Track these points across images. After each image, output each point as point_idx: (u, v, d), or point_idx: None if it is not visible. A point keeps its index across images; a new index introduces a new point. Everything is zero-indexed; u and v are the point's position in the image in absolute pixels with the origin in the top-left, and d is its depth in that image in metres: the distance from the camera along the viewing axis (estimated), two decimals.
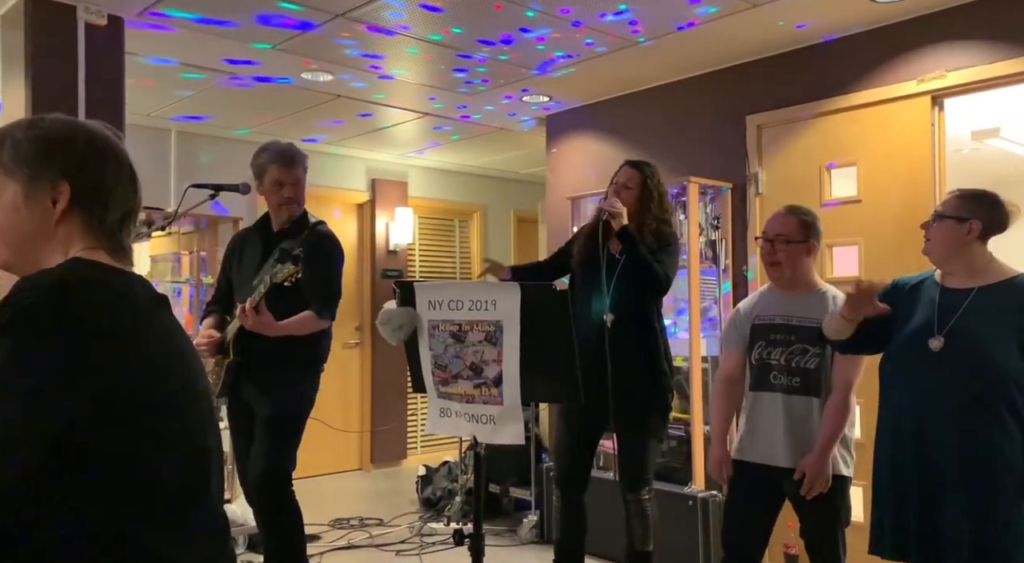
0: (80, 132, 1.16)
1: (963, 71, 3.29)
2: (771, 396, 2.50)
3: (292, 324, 2.74)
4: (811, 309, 2.49)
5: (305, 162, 2.96)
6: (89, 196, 1.14)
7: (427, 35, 3.67)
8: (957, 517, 2.05)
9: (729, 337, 2.68)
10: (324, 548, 4.12)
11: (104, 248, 1.15)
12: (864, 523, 3.46)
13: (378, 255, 6.28)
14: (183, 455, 1.12)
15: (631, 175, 2.94)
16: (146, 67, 4.01)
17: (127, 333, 1.07)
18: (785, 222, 2.53)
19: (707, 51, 3.92)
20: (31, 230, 1.13)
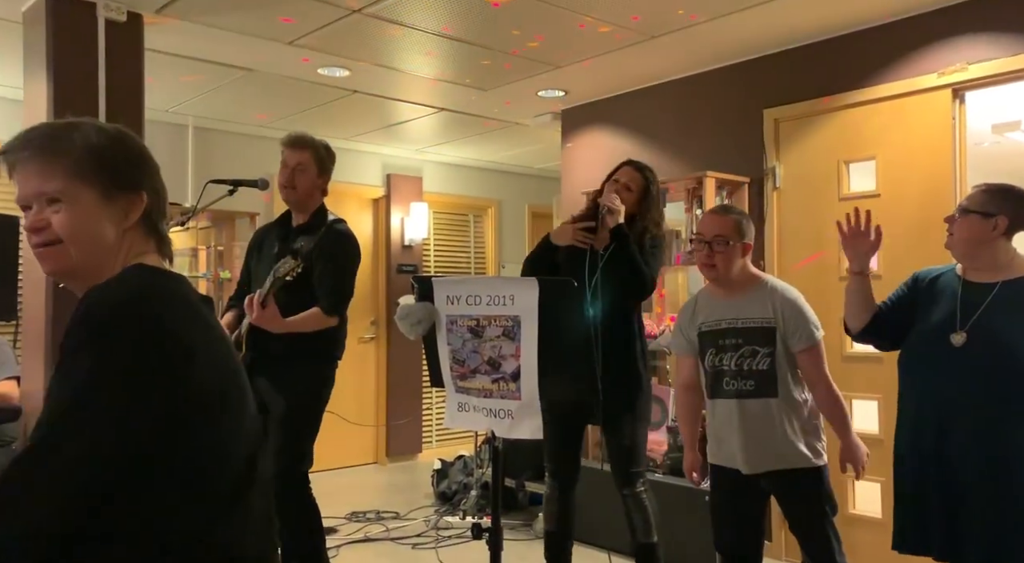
0: (141, 144, 1.22)
1: (985, 64, 3.25)
2: (725, 403, 2.46)
3: (297, 321, 2.75)
4: (754, 308, 2.45)
5: (320, 153, 2.95)
6: (154, 206, 1.20)
7: (442, 30, 3.67)
8: (979, 514, 2.03)
9: (678, 344, 2.64)
10: (341, 541, 4.15)
11: (157, 253, 1.21)
12: (884, 519, 3.45)
13: (393, 250, 6.30)
14: (241, 448, 1.17)
15: (634, 177, 2.93)
16: (164, 62, 4.04)
17: (194, 339, 1.11)
18: (723, 222, 2.47)
19: (724, 44, 3.89)
20: (104, 236, 1.15)
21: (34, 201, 1.14)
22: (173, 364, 1.06)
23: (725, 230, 2.46)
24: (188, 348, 1.09)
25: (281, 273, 2.60)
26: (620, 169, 2.98)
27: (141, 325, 1.05)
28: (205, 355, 1.11)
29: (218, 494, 1.12)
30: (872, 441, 3.47)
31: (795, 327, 2.41)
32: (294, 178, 2.91)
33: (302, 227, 2.96)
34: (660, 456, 4.00)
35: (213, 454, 1.12)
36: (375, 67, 4.18)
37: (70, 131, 1.15)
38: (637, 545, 2.89)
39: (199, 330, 1.13)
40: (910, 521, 2.19)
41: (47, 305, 3.14)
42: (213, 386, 1.12)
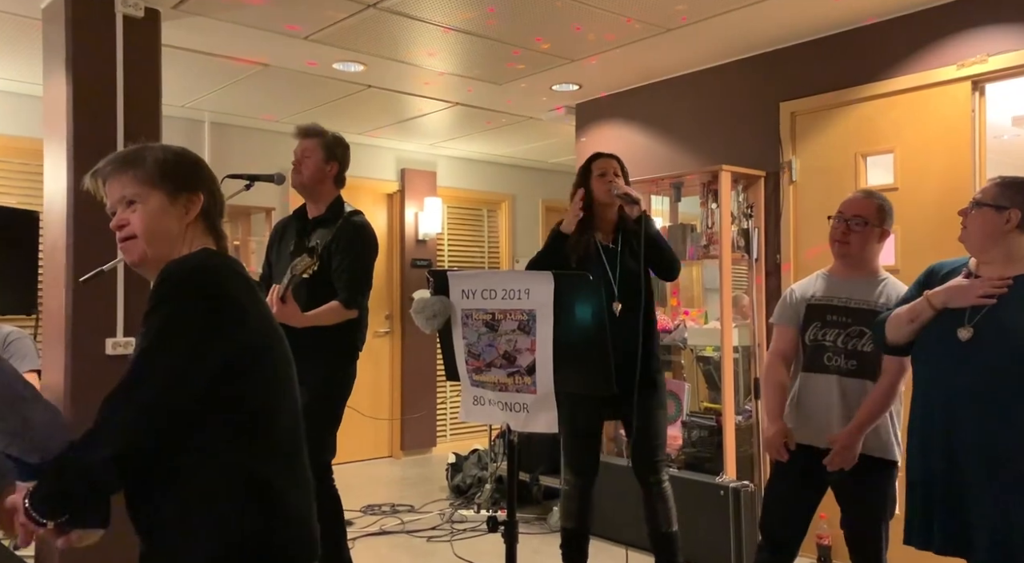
0: (198, 158, 1.53)
1: (1005, 55, 3.21)
2: (825, 378, 2.47)
3: (317, 315, 2.77)
4: (870, 293, 2.47)
5: (326, 140, 2.99)
6: (211, 204, 1.48)
7: (457, 24, 3.67)
8: (985, 509, 2.01)
9: (783, 314, 2.63)
10: (357, 533, 4.17)
11: (215, 243, 1.48)
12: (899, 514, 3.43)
13: (407, 245, 6.32)
14: (289, 406, 1.42)
15: (614, 165, 2.99)
16: (180, 58, 4.07)
17: (247, 305, 1.37)
18: (864, 204, 2.50)
19: (740, 37, 3.87)
20: (169, 229, 1.43)
21: (117, 205, 1.45)
22: (231, 320, 1.33)
23: (866, 211, 2.48)
24: (243, 310, 1.35)
25: (298, 271, 2.62)
26: (596, 163, 3.00)
27: (206, 287, 1.33)
28: (256, 320, 1.38)
29: (269, 440, 1.36)
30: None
31: None
32: (300, 163, 2.98)
33: (319, 219, 2.98)
34: (676, 450, 3.99)
35: (264, 403, 1.36)
36: (390, 62, 4.19)
37: (143, 150, 1.46)
38: (658, 534, 2.90)
39: (252, 300, 1.39)
40: (918, 515, 2.17)
41: (67, 300, 3.17)
42: (263, 344, 1.38)
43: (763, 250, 4.00)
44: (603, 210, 2.95)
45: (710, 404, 4.18)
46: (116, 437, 1.25)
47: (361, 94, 4.79)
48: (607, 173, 2.94)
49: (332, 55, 4.09)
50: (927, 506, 2.14)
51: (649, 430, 2.87)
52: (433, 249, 6.47)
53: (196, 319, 1.30)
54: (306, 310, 2.75)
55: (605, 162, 2.99)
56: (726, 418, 3.81)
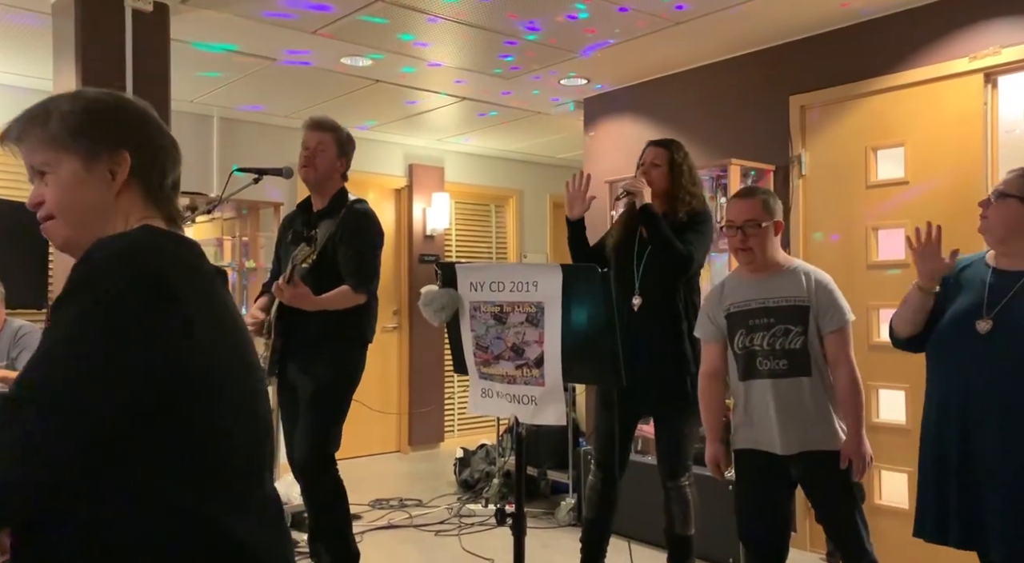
0: (126, 101, 1.16)
1: (1019, 47, 3.18)
2: (760, 383, 2.44)
3: (328, 298, 2.77)
4: (785, 288, 2.43)
5: (340, 135, 2.98)
6: (147, 163, 1.13)
7: (464, 18, 3.66)
8: (1002, 503, 2.00)
9: (705, 329, 2.60)
10: (365, 527, 4.18)
11: (162, 217, 1.14)
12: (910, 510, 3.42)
13: (415, 240, 6.32)
14: (249, 426, 1.10)
15: (657, 153, 2.91)
16: (188, 53, 4.07)
17: (196, 299, 1.05)
18: (751, 206, 2.45)
19: (750, 30, 3.84)
20: (93, 203, 1.10)
21: (33, 178, 1.12)
22: (168, 315, 0.99)
23: (754, 213, 2.44)
24: (185, 304, 1.02)
25: (298, 260, 2.64)
26: (644, 152, 2.97)
27: (139, 274, 0.99)
28: (206, 316, 1.05)
29: (217, 473, 1.04)
30: (899, 431, 3.45)
31: (827, 307, 2.40)
32: (314, 158, 2.94)
33: (323, 211, 2.99)
34: None
35: (212, 426, 1.03)
36: (398, 56, 4.19)
37: (46, 103, 1.12)
38: (673, 535, 2.88)
39: (202, 292, 1.07)
40: (931, 509, 2.16)
41: None
42: (215, 349, 1.05)
43: None
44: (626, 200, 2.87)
45: None
46: (6, 467, 0.91)
47: (368, 89, 4.79)
48: (645, 163, 2.91)
49: (340, 50, 4.09)
50: (942, 499, 2.12)
51: (677, 433, 2.83)
52: (441, 244, 6.47)
53: (121, 315, 0.96)
54: None
55: (648, 151, 2.94)
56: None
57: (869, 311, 3.56)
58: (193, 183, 4.82)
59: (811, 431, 2.40)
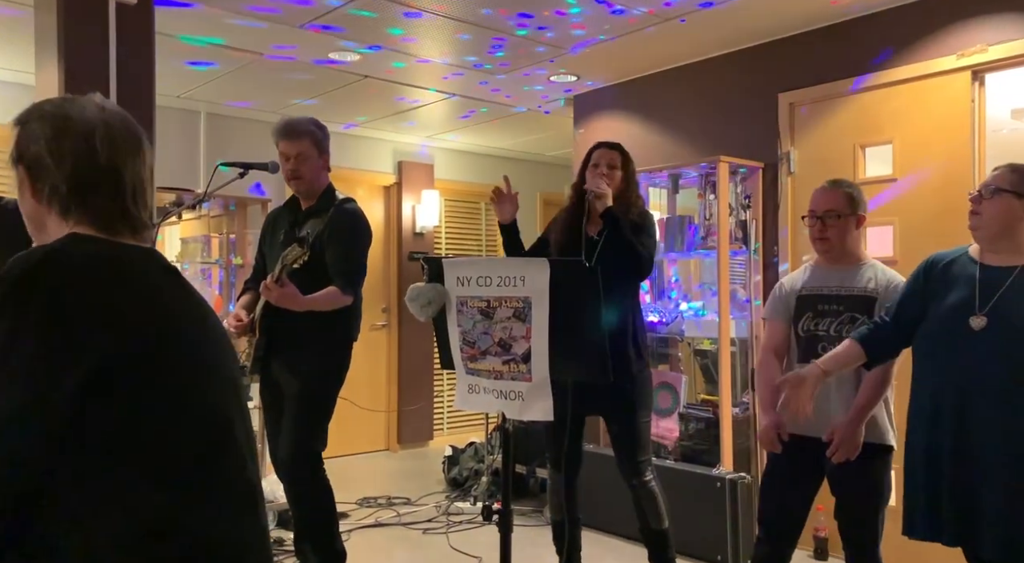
0: (37, 110, 1.16)
1: (1006, 45, 3.19)
2: None
3: (316, 298, 2.74)
4: (858, 279, 2.47)
5: (316, 136, 2.92)
6: (41, 174, 1.13)
7: (455, 14, 3.64)
8: (998, 499, 1.99)
9: (774, 308, 2.63)
10: (352, 526, 4.16)
11: (95, 226, 1.13)
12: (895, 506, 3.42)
13: (404, 237, 6.29)
14: (198, 418, 1.10)
15: (612, 156, 2.92)
16: (174, 47, 4.04)
17: (119, 303, 1.05)
18: (833, 197, 2.49)
19: (739, 28, 3.84)
20: (31, 214, 1.16)
21: None
22: (89, 325, 1.00)
23: (836, 204, 2.48)
24: (106, 311, 1.03)
25: (289, 261, 2.61)
26: (595, 152, 2.95)
27: (52, 284, 1.01)
28: (133, 320, 1.05)
29: (163, 466, 1.04)
30: None
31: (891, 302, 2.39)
32: (299, 168, 2.89)
33: (311, 210, 2.96)
34: (672, 442, 3.98)
35: (154, 426, 1.04)
36: (387, 52, 4.16)
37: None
38: (648, 531, 2.88)
39: (127, 295, 1.07)
40: (922, 507, 2.15)
41: None
42: (146, 351, 1.05)
43: (762, 242, 3.98)
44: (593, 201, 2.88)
45: (707, 396, 4.16)
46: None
47: (357, 85, 4.77)
48: (600, 164, 2.90)
49: (328, 44, 4.06)
50: (933, 497, 2.11)
51: (628, 431, 2.83)
52: (430, 242, 6.45)
53: (39, 334, 0.97)
54: None
55: (601, 152, 2.94)
56: (723, 410, 3.80)
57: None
58: (180, 179, 4.78)
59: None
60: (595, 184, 2.78)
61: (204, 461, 1.10)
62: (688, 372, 4.40)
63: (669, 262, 4.41)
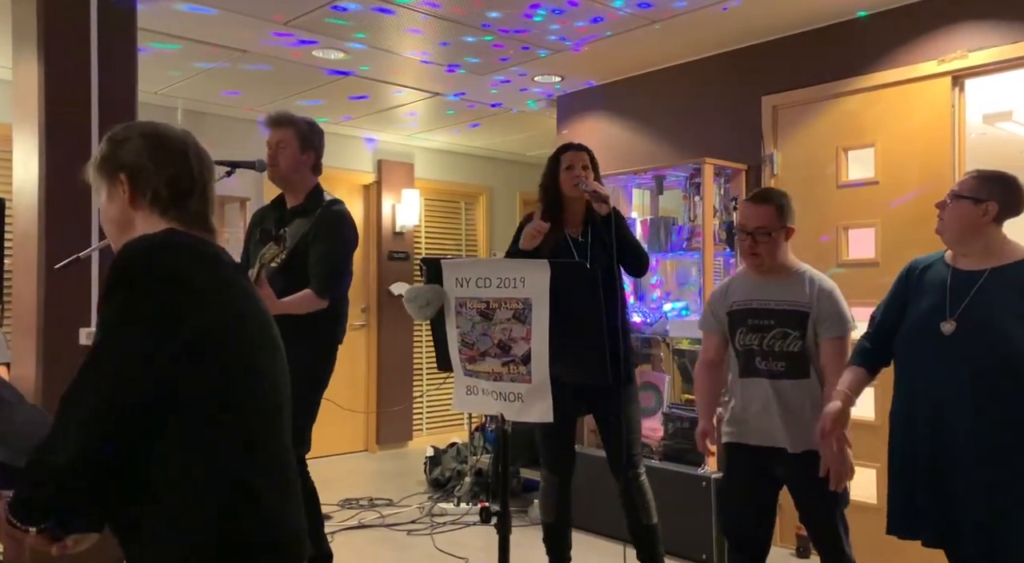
0: (134, 130, 1.40)
1: (985, 51, 3.26)
2: (759, 382, 2.47)
3: (290, 302, 2.71)
4: (789, 292, 2.46)
5: (301, 128, 2.91)
6: (147, 180, 1.36)
7: (440, 13, 3.63)
8: (974, 499, 2.04)
9: (707, 321, 2.65)
10: (335, 528, 4.12)
11: (186, 225, 1.36)
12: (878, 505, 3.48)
13: (384, 237, 6.25)
14: (264, 394, 1.32)
15: (582, 157, 2.94)
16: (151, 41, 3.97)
17: (207, 286, 1.28)
18: (764, 213, 2.46)
19: (723, 30, 3.88)
20: (120, 217, 1.38)
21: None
22: (185, 302, 1.23)
23: (766, 221, 2.45)
24: (197, 291, 1.26)
25: (266, 259, 2.57)
26: (565, 155, 2.95)
27: (158, 267, 1.24)
28: (217, 300, 1.28)
29: (237, 435, 1.26)
30: (868, 428, 3.50)
31: (829, 315, 2.41)
32: (276, 155, 2.88)
33: (297, 209, 2.93)
34: (656, 442, 4.00)
35: (229, 394, 1.26)
36: (371, 50, 4.13)
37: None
38: (638, 527, 2.90)
39: (213, 279, 1.30)
40: (903, 506, 2.19)
41: (38, 289, 3.07)
42: (227, 326, 1.28)
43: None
44: (570, 203, 2.90)
45: (690, 396, 4.19)
46: (76, 438, 1.17)
47: (339, 83, 4.72)
48: (574, 166, 2.90)
49: (311, 43, 4.02)
50: (914, 497, 2.15)
51: (620, 426, 2.84)
52: (410, 241, 6.42)
53: (149, 307, 1.22)
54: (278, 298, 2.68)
55: (573, 155, 2.94)
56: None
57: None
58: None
59: (804, 432, 2.41)
60: (594, 186, 2.81)
61: (266, 433, 1.32)
62: (669, 372, 4.43)
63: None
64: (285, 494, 1.32)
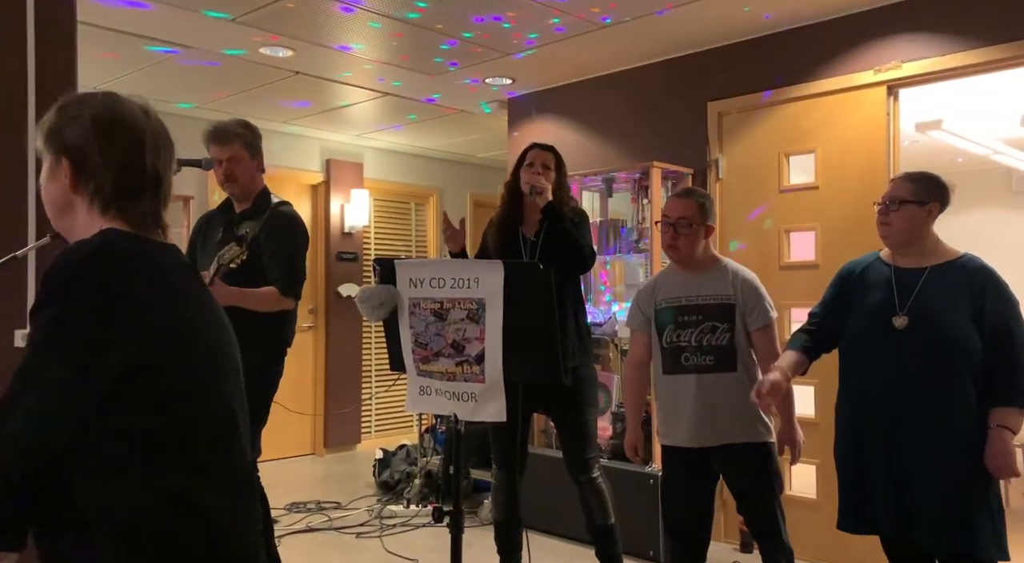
0: (88, 107, 1.22)
1: (918, 63, 3.40)
2: (684, 378, 2.52)
3: (253, 294, 2.66)
4: (714, 285, 2.54)
5: (247, 138, 2.86)
6: (86, 170, 1.20)
7: (392, 12, 3.62)
8: (926, 494, 2.11)
9: (635, 319, 2.69)
10: (283, 532, 4.06)
11: (130, 225, 1.22)
12: (819, 500, 3.59)
13: (333, 237, 6.19)
14: (213, 408, 1.22)
15: (546, 156, 2.96)
16: (96, 37, 3.85)
17: (147, 298, 1.15)
18: (687, 205, 2.55)
19: (670, 37, 3.95)
20: (56, 199, 1.23)
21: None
22: (124, 317, 1.11)
23: (689, 213, 2.53)
24: (140, 304, 1.13)
25: (225, 260, 2.53)
26: (529, 153, 2.99)
27: (94, 281, 1.11)
28: (163, 313, 1.16)
29: (187, 451, 1.16)
30: (809, 425, 3.60)
31: (752, 305, 2.50)
32: (232, 172, 2.83)
33: (246, 212, 2.88)
34: (605, 441, 4.05)
35: (179, 410, 1.16)
36: (319, 48, 4.09)
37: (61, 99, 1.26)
38: (594, 528, 2.93)
39: (159, 290, 1.17)
40: (856, 501, 2.25)
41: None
42: (174, 342, 1.16)
43: None
44: (528, 201, 2.91)
45: None
46: (2, 456, 1.06)
47: (287, 81, 4.66)
48: (535, 164, 2.92)
49: (260, 39, 3.96)
50: (868, 492, 2.21)
51: (577, 428, 2.86)
52: (360, 242, 6.36)
53: (84, 322, 1.09)
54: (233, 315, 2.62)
55: (536, 153, 2.97)
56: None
57: (781, 310, 3.71)
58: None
59: (733, 424, 2.49)
60: (535, 180, 2.80)
61: (216, 448, 1.21)
62: (618, 372, 4.49)
63: (600, 264, 4.49)
64: (237, 510, 1.23)
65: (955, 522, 2.09)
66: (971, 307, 2.14)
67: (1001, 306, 2.14)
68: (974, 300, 2.14)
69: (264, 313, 2.71)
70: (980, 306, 2.13)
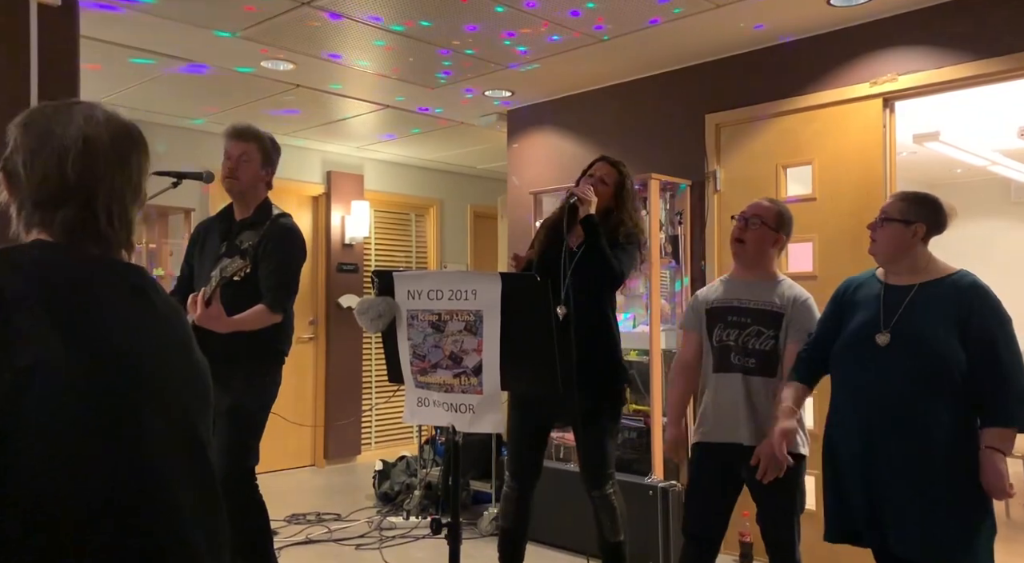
0: (26, 116, 1.14)
1: (914, 75, 3.42)
2: (732, 376, 2.58)
3: (242, 319, 2.68)
4: (769, 294, 2.60)
5: (265, 144, 2.91)
6: (13, 188, 1.12)
7: (392, 26, 3.65)
8: (902, 507, 2.13)
9: (688, 320, 2.77)
10: (282, 543, 4.06)
11: (47, 236, 1.10)
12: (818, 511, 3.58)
13: (333, 249, 6.21)
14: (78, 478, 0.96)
15: (609, 172, 2.94)
16: (99, 51, 3.89)
17: (55, 319, 0.98)
18: (765, 207, 2.66)
19: (669, 50, 3.99)
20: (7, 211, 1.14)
21: None
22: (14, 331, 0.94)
23: (764, 213, 2.62)
24: (27, 332, 0.95)
25: (228, 273, 2.53)
26: (595, 164, 3.00)
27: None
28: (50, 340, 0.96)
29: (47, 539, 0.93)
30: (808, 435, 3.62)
31: (800, 320, 2.54)
32: (238, 168, 2.85)
33: (246, 222, 2.90)
34: None
35: (41, 478, 0.92)
36: (320, 61, 4.12)
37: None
38: (604, 544, 2.91)
39: (52, 314, 0.98)
40: (838, 512, 2.28)
41: None
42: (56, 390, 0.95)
43: (689, 256, 4.12)
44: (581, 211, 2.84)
45: (638, 406, 4.27)
46: None
47: (288, 93, 4.70)
48: (595, 176, 2.93)
49: (261, 53, 3.99)
50: (850, 504, 2.23)
51: (594, 445, 2.83)
52: (360, 253, 6.38)
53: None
54: (228, 314, 2.65)
55: (599, 165, 2.97)
56: (654, 420, 3.90)
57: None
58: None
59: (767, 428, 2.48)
60: (582, 190, 2.78)
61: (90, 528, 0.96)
62: None
63: None
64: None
65: (932, 537, 2.10)
66: (957, 323, 2.15)
67: (988, 322, 2.14)
68: (960, 316, 2.15)
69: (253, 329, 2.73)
70: (966, 322, 2.14)
